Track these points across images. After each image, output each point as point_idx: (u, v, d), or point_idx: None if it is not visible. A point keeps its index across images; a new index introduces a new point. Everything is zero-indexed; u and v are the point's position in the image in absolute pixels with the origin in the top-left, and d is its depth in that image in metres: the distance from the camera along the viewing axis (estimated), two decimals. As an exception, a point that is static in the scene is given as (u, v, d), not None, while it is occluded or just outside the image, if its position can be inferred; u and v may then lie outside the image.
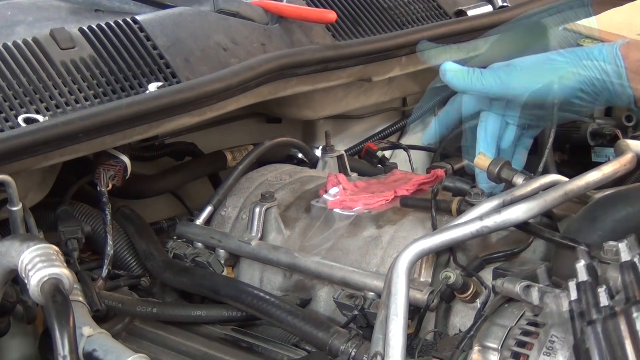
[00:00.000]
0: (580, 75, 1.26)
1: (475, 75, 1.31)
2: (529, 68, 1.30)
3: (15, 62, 1.35)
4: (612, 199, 1.30)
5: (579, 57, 1.27)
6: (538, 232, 1.27)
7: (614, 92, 1.26)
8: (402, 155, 2.08)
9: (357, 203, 1.49)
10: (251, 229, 1.52)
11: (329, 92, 1.84)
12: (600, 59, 1.25)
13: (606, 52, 1.25)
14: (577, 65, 1.26)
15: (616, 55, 1.24)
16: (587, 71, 1.26)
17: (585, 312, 0.97)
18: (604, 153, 2.06)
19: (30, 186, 1.45)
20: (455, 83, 1.33)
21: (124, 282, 1.58)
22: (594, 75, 1.25)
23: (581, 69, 1.26)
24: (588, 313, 0.97)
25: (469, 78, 1.31)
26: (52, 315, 1.04)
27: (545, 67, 1.29)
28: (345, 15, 1.72)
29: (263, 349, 1.38)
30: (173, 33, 1.50)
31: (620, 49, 1.24)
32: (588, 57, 1.26)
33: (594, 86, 1.26)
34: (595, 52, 1.26)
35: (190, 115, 1.46)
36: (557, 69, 1.27)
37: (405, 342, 1.13)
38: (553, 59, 1.29)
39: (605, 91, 1.26)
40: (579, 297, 0.98)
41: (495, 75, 1.30)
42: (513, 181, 1.34)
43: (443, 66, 1.33)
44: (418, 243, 1.18)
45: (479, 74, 1.31)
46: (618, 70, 1.24)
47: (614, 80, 1.25)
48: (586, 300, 0.98)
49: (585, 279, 0.99)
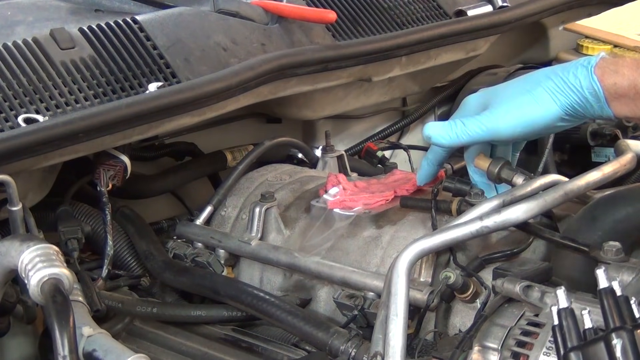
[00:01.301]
0: (560, 102, 1.26)
1: (459, 129, 1.30)
2: (510, 108, 1.29)
3: (15, 62, 1.35)
4: (612, 199, 1.30)
5: (556, 84, 1.26)
6: (538, 232, 1.27)
7: (594, 113, 1.26)
8: (402, 155, 2.08)
9: (357, 203, 1.49)
10: (251, 229, 1.52)
11: (329, 92, 1.84)
12: (578, 85, 1.25)
13: (582, 77, 1.24)
14: (557, 93, 1.26)
15: (592, 79, 1.24)
16: (567, 98, 1.25)
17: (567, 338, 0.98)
18: (604, 153, 2.06)
19: (30, 186, 1.45)
20: (443, 142, 1.32)
21: (124, 282, 1.58)
22: (574, 100, 1.25)
23: (561, 96, 1.26)
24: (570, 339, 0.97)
25: (453, 133, 1.31)
26: (52, 315, 1.04)
27: (526, 102, 1.28)
28: (345, 15, 1.72)
29: (263, 349, 1.38)
30: (173, 33, 1.50)
31: (596, 72, 1.24)
32: (565, 83, 1.26)
33: (575, 110, 1.26)
34: (570, 77, 1.25)
35: (190, 115, 1.46)
36: (538, 101, 1.27)
37: (405, 342, 1.13)
38: (531, 92, 1.28)
39: (586, 112, 1.26)
40: (560, 323, 0.98)
41: (479, 122, 1.30)
42: (513, 181, 1.34)
43: (425, 131, 1.34)
44: (418, 243, 1.18)
45: (462, 125, 1.30)
46: (596, 94, 1.24)
47: (593, 103, 1.25)
48: (567, 326, 0.98)
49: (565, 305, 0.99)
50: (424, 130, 1.34)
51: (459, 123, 1.31)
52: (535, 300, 1.10)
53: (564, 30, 2.22)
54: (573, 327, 0.98)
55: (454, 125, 1.31)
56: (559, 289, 1.00)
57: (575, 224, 1.29)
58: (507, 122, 1.28)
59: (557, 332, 0.98)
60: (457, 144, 1.32)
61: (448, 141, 1.32)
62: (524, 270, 1.18)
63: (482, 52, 1.99)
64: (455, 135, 1.31)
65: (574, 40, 2.20)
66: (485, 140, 1.32)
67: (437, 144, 1.35)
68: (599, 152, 2.07)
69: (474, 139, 1.31)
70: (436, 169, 1.44)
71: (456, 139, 1.31)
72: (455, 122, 1.31)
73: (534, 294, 1.11)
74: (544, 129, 1.29)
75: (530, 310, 1.12)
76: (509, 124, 1.28)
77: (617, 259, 1.15)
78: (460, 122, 1.31)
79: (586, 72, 1.24)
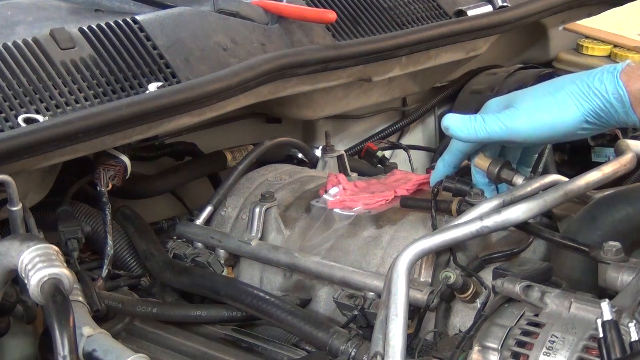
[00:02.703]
0: (584, 107, 1.24)
1: (478, 124, 1.29)
2: (531, 108, 1.27)
3: (15, 62, 1.35)
4: (612, 199, 1.30)
5: (580, 89, 1.25)
6: (538, 232, 1.27)
7: (619, 119, 1.25)
8: (402, 155, 2.08)
9: (357, 203, 1.49)
10: (251, 229, 1.52)
11: (329, 92, 1.84)
12: (603, 90, 1.23)
13: (607, 82, 1.23)
14: (580, 99, 1.24)
15: (618, 85, 1.22)
16: (590, 104, 1.24)
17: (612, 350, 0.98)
18: (604, 153, 2.06)
19: (30, 186, 1.45)
20: (460, 135, 1.31)
21: (124, 282, 1.58)
22: (598, 106, 1.24)
23: (584, 101, 1.24)
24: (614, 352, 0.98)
25: (472, 128, 1.30)
26: (52, 315, 1.04)
27: (548, 105, 1.26)
28: (345, 15, 1.72)
29: (263, 349, 1.38)
30: (173, 33, 1.50)
31: (621, 77, 1.22)
32: (589, 88, 1.24)
33: (599, 116, 1.25)
34: (596, 82, 1.24)
35: (190, 115, 1.46)
36: (560, 105, 1.25)
37: (405, 342, 1.13)
38: (554, 94, 1.27)
39: (610, 119, 1.25)
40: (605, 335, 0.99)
41: (498, 120, 1.28)
42: (513, 181, 1.34)
43: (444, 121, 1.32)
44: (418, 243, 1.18)
45: (482, 121, 1.29)
46: (622, 100, 1.22)
47: (618, 109, 1.23)
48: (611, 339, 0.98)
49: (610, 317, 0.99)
50: (443, 121, 1.32)
51: (479, 118, 1.29)
52: (535, 300, 1.10)
53: (564, 30, 2.22)
54: (617, 339, 0.98)
55: (473, 119, 1.30)
56: (603, 301, 1.00)
57: (575, 224, 1.29)
58: (526, 123, 1.27)
59: (602, 344, 0.99)
60: (474, 139, 1.31)
61: (465, 135, 1.31)
62: (524, 270, 1.18)
63: (482, 52, 1.99)
64: (474, 130, 1.29)
65: (574, 40, 2.20)
66: (503, 139, 1.30)
67: (454, 136, 1.33)
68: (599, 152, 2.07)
69: (492, 137, 1.29)
70: (451, 171, 1.42)
71: (474, 134, 1.30)
72: (475, 117, 1.30)
73: (534, 294, 1.11)
74: (564, 134, 1.27)
75: (530, 310, 1.12)
76: (528, 126, 1.27)
77: (617, 259, 1.15)
78: (480, 118, 1.29)
79: (612, 77, 1.23)
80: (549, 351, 1.05)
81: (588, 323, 1.06)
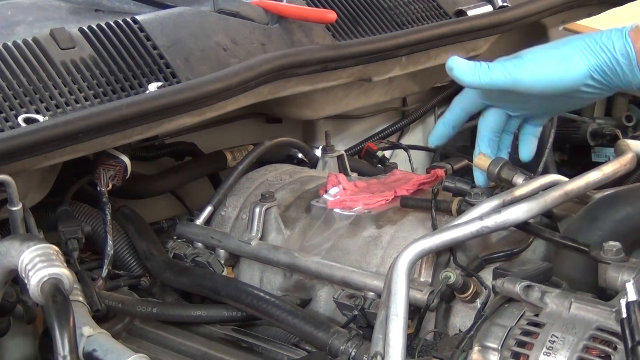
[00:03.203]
0: (590, 62, 1.23)
1: (482, 70, 1.28)
2: (537, 59, 1.27)
3: (15, 62, 1.35)
4: (612, 199, 1.30)
5: (588, 44, 1.24)
6: (538, 232, 1.27)
7: (624, 78, 1.23)
8: (402, 155, 2.09)
9: (357, 203, 1.50)
10: (251, 229, 1.52)
11: (329, 92, 1.84)
12: (610, 45, 1.22)
13: (615, 38, 1.23)
14: (586, 53, 1.24)
15: (626, 41, 1.22)
16: (597, 58, 1.23)
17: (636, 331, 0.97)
18: (604, 153, 2.06)
19: (30, 186, 1.45)
20: (463, 78, 1.30)
21: (124, 282, 1.58)
22: (604, 61, 1.23)
23: (591, 56, 1.23)
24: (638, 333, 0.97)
25: (476, 72, 1.28)
26: (52, 315, 1.04)
27: (554, 57, 1.26)
28: (345, 15, 1.72)
29: (263, 349, 1.38)
30: (173, 33, 1.49)
31: (630, 35, 1.22)
32: (597, 44, 1.23)
33: (604, 73, 1.24)
34: (604, 38, 1.23)
35: (190, 115, 1.46)
36: (566, 58, 1.25)
37: (405, 342, 1.13)
38: (560, 48, 1.26)
39: (616, 77, 1.24)
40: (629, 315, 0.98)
41: (503, 68, 1.27)
42: (513, 181, 1.34)
43: (449, 62, 1.31)
44: (418, 243, 1.18)
45: (487, 67, 1.28)
46: (628, 56, 1.21)
47: (624, 66, 1.22)
48: (635, 319, 0.98)
49: (635, 298, 0.99)
50: (448, 62, 1.30)
51: (484, 65, 1.28)
52: (535, 300, 1.10)
53: (564, 30, 2.22)
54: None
55: (478, 65, 1.29)
56: (628, 282, 0.99)
57: (575, 224, 1.29)
58: (531, 73, 1.26)
59: (625, 325, 0.98)
60: (477, 83, 1.29)
61: (469, 78, 1.29)
62: (524, 270, 1.18)
63: (482, 52, 1.98)
64: (477, 75, 1.28)
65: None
66: (506, 87, 1.28)
67: (456, 78, 1.31)
68: (599, 152, 2.08)
69: (495, 83, 1.28)
70: (451, 131, 1.40)
71: (478, 79, 1.28)
72: (480, 64, 1.29)
73: (534, 294, 1.11)
74: (568, 88, 1.26)
75: (530, 310, 1.12)
76: (532, 75, 1.26)
77: (617, 259, 1.15)
78: (485, 64, 1.28)
79: (620, 35, 1.22)
80: (549, 351, 1.05)
81: (588, 323, 1.06)
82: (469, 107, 1.38)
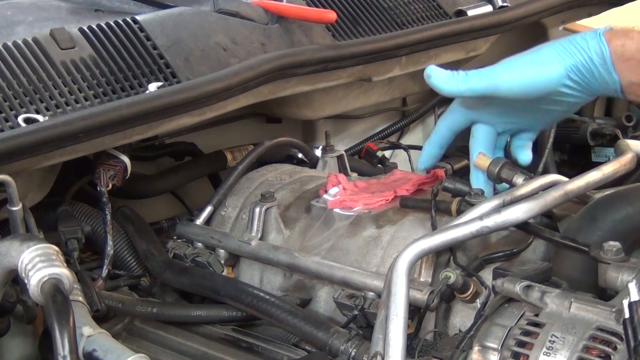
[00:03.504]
0: (566, 62, 1.25)
1: (460, 77, 1.29)
2: (515, 63, 1.28)
3: (15, 62, 1.35)
4: (612, 199, 1.30)
5: (563, 46, 1.26)
6: (538, 232, 1.27)
7: (599, 78, 1.24)
8: (402, 155, 2.08)
9: (357, 203, 1.50)
10: (251, 229, 1.52)
11: (329, 92, 1.84)
12: (585, 46, 1.24)
13: (589, 38, 1.24)
14: (562, 53, 1.25)
15: (600, 40, 1.23)
16: (572, 58, 1.24)
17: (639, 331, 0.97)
18: (604, 153, 2.06)
19: (30, 186, 1.45)
20: (440, 86, 1.30)
21: (124, 282, 1.58)
22: (579, 61, 1.24)
23: (566, 56, 1.25)
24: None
25: (454, 80, 1.29)
26: (52, 315, 1.04)
27: (531, 60, 1.27)
28: (345, 15, 1.72)
29: (263, 349, 1.38)
30: (173, 33, 1.49)
31: (604, 35, 1.23)
32: (572, 44, 1.25)
33: (581, 73, 1.25)
34: (578, 39, 1.25)
35: (190, 115, 1.46)
36: (543, 59, 1.26)
37: (405, 342, 1.13)
38: (538, 52, 1.28)
39: (592, 77, 1.25)
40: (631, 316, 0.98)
41: (481, 74, 1.28)
42: (513, 181, 1.34)
43: (427, 70, 1.31)
44: (418, 243, 1.18)
45: (464, 75, 1.29)
46: (602, 55, 1.23)
47: (599, 66, 1.23)
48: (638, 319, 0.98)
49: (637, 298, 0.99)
50: (426, 70, 1.31)
51: (462, 73, 1.29)
52: (535, 300, 1.10)
53: (564, 30, 2.22)
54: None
55: (456, 73, 1.29)
56: (630, 282, 0.99)
57: (575, 224, 1.29)
58: (508, 76, 1.27)
59: (628, 325, 0.98)
60: (456, 91, 1.30)
61: (447, 87, 1.30)
62: (524, 270, 1.18)
63: (482, 52, 1.99)
64: (455, 82, 1.29)
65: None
66: (485, 93, 1.29)
67: (435, 87, 1.31)
68: (599, 152, 2.08)
69: (473, 90, 1.29)
70: (438, 152, 1.41)
71: (455, 86, 1.29)
72: (458, 72, 1.30)
73: (534, 294, 1.11)
74: (547, 90, 1.27)
75: (530, 310, 1.11)
76: (509, 79, 1.27)
77: (617, 259, 1.15)
78: (463, 72, 1.29)
79: (594, 34, 1.24)
80: (549, 351, 1.05)
81: (588, 323, 1.06)
82: (454, 125, 1.39)
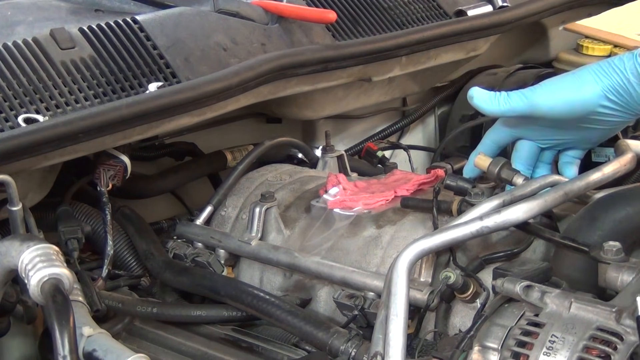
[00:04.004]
0: (603, 83, 1.28)
1: (501, 98, 1.33)
2: (553, 84, 1.32)
3: (15, 62, 1.35)
4: (612, 199, 1.30)
5: (601, 67, 1.29)
6: (538, 232, 1.27)
7: (637, 98, 1.28)
8: (402, 155, 2.08)
9: (357, 203, 1.50)
10: (251, 229, 1.52)
11: (329, 92, 1.84)
12: (622, 67, 1.27)
13: (626, 59, 1.27)
14: (599, 74, 1.28)
15: (636, 60, 1.26)
16: (609, 79, 1.28)
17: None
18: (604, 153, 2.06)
19: (30, 186, 1.45)
20: (483, 106, 1.34)
21: (124, 282, 1.58)
22: (616, 82, 1.27)
23: (603, 77, 1.28)
24: None
25: (495, 101, 1.33)
26: (52, 315, 1.04)
27: (569, 81, 1.31)
28: (345, 15, 1.72)
29: (263, 349, 1.38)
30: (173, 33, 1.50)
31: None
32: (609, 65, 1.28)
33: (619, 93, 1.28)
34: (615, 60, 1.28)
35: (190, 115, 1.46)
36: (580, 80, 1.30)
37: (405, 342, 1.13)
38: (576, 73, 1.32)
39: (629, 97, 1.28)
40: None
41: (521, 94, 1.32)
42: (513, 181, 1.34)
43: (470, 92, 1.36)
44: (418, 243, 1.18)
45: (505, 95, 1.33)
46: (639, 75, 1.26)
47: (635, 86, 1.26)
48: None
49: None
50: (469, 92, 1.35)
51: (504, 94, 1.33)
52: (535, 300, 1.10)
53: (564, 30, 2.22)
54: None
55: (497, 94, 1.34)
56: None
57: (575, 224, 1.29)
58: (547, 97, 1.31)
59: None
60: (497, 111, 1.34)
61: (489, 107, 1.34)
62: (524, 270, 1.18)
63: (482, 52, 1.99)
64: (497, 102, 1.33)
65: (574, 40, 2.20)
66: (525, 114, 1.33)
67: (477, 107, 1.35)
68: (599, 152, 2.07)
69: (514, 110, 1.32)
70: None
71: (497, 106, 1.33)
72: (500, 93, 1.34)
73: (534, 294, 1.11)
74: (585, 110, 1.30)
75: (530, 310, 1.11)
76: (549, 99, 1.31)
77: (617, 259, 1.15)
78: (505, 93, 1.33)
79: (630, 55, 1.27)
80: (549, 351, 1.05)
81: (588, 323, 1.06)
82: (499, 139, 1.42)
